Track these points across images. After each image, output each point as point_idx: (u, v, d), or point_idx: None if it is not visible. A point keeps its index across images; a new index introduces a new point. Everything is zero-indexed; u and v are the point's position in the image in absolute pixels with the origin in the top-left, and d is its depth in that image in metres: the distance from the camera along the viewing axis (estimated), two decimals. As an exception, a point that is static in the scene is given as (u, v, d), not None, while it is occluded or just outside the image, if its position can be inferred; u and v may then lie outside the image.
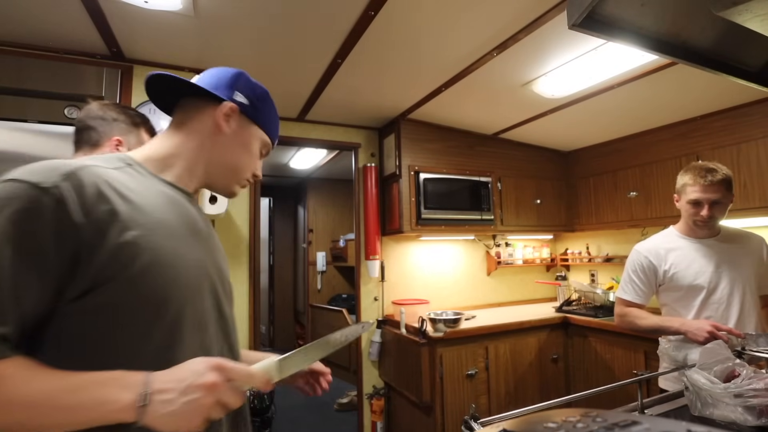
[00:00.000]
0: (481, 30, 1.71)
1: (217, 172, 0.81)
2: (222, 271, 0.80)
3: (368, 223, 2.87)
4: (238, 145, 0.81)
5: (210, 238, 0.81)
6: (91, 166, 0.63)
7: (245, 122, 0.81)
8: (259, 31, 1.70)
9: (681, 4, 0.93)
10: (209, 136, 0.79)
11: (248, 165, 0.83)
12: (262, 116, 0.83)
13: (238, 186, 0.85)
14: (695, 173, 1.53)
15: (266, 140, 0.85)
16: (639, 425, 0.24)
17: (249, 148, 0.83)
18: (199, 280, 0.71)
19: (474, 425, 0.77)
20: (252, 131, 0.83)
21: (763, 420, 0.91)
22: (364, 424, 2.85)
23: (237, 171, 0.83)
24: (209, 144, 0.79)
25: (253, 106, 0.82)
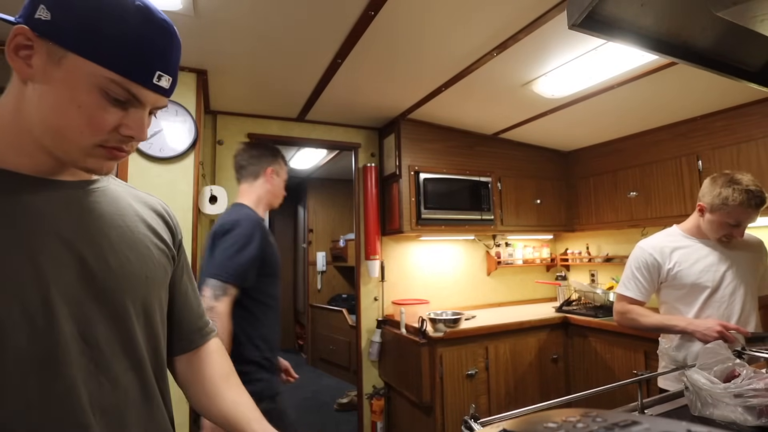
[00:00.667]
0: (481, 30, 1.71)
1: (48, 142, 0.53)
2: (100, 275, 0.58)
3: (368, 223, 2.87)
4: (52, 93, 0.51)
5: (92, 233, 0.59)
6: None
7: (56, 52, 0.50)
8: (258, 31, 1.70)
9: (681, 4, 0.92)
10: (19, 89, 0.53)
11: (83, 123, 0.52)
12: (84, 33, 0.50)
13: (90, 158, 0.55)
14: (746, 197, 1.43)
15: (107, 75, 0.51)
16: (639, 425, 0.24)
17: (72, 96, 0.51)
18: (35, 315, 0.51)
19: (474, 425, 0.77)
20: (70, 65, 0.50)
21: (763, 420, 0.91)
22: (364, 424, 2.86)
23: (66, 135, 0.52)
24: (23, 101, 0.53)
25: (59, 19, 0.49)
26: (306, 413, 3.53)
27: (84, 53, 0.50)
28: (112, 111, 0.53)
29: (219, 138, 2.63)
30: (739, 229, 1.49)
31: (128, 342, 0.61)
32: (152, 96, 0.55)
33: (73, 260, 0.56)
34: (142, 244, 0.66)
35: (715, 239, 1.56)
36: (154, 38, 0.53)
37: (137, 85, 0.53)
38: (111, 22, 0.50)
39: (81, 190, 0.60)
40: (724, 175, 1.51)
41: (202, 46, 1.81)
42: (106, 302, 0.58)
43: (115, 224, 0.62)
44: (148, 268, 0.65)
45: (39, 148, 0.54)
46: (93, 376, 0.56)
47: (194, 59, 1.94)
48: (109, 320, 0.59)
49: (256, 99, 2.44)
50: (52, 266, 0.53)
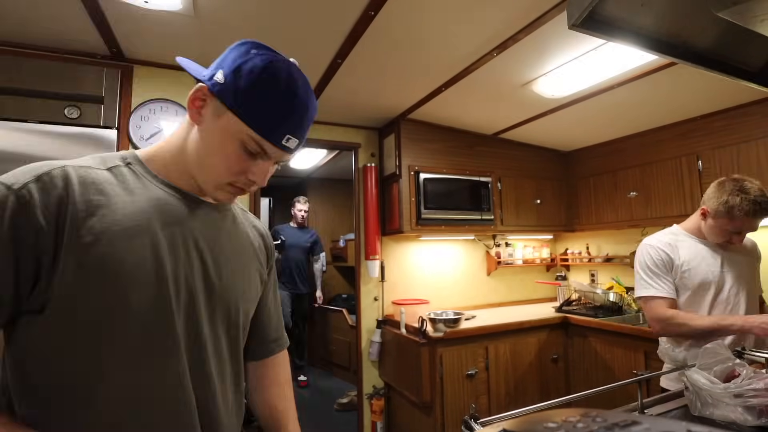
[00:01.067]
0: (481, 30, 1.71)
1: (196, 172, 0.69)
2: (215, 286, 0.70)
3: (368, 223, 2.86)
4: (209, 139, 0.66)
5: (217, 246, 0.72)
6: (73, 166, 0.61)
7: (219, 108, 0.65)
8: (258, 31, 1.70)
9: (681, 4, 0.92)
10: (188, 129, 0.69)
11: (226, 166, 0.66)
12: (242, 102, 0.63)
13: (220, 191, 0.70)
14: (753, 208, 1.41)
15: (248, 133, 0.64)
16: (639, 425, 0.24)
17: (223, 144, 0.65)
18: (164, 297, 0.62)
19: (474, 425, 0.77)
20: (225, 120, 0.64)
21: (763, 420, 0.91)
22: (364, 424, 2.85)
23: (212, 173, 0.68)
24: (188, 138, 0.69)
25: (228, 85, 0.64)
26: (306, 413, 3.52)
27: (238, 114, 0.63)
28: (245, 159, 0.66)
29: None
30: (739, 236, 1.49)
31: (218, 345, 0.71)
32: (278, 152, 0.68)
33: (199, 265, 0.68)
34: (248, 265, 0.79)
35: (714, 243, 1.56)
36: (294, 111, 0.66)
37: (268, 143, 0.65)
38: (264, 96, 0.64)
39: (216, 212, 0.75)
40: (733, 182, 1.47)
41: (202, 47, 1.81)
42: (210, 307, 0.69)
43: (233, 244, 0.77)
44: (247, 286, 0.77)
45: (189, 174, 0.70)
46: (194, 369, 0.66)
47: (194, 59, 1.94)
48: (209, 323, 0.69)
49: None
50: (186, 264, 0.66)
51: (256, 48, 0.66)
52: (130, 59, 1.94)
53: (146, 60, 1.95)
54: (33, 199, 0.56)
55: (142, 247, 0.61)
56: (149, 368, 0.61)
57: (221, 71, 0.65)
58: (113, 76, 1.89)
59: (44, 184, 0.57)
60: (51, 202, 0.57)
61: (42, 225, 0.55)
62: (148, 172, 0.69)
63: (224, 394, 0.71)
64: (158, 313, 0.62)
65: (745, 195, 1.42)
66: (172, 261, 0.64)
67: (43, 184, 0.57)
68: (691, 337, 1.48)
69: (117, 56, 1.90)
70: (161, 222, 0.65)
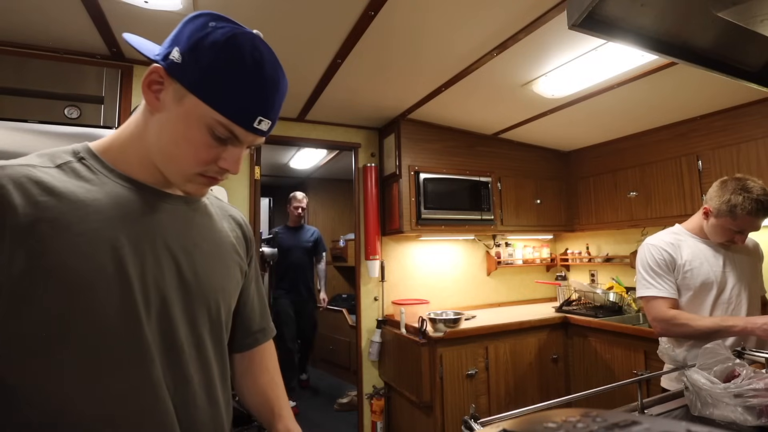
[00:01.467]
0: (481, 30, 1.71)
1: (161, 164, 0.63)
2: (191, 283, 0.65)
3: (368, 223, 2.86)
4: (171, 125, 0.59)
5: (189, 242, 0.67)
6: (14, 166, 0.55)
7: (179, 91, 0.58)
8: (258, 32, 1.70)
9: (681, 4, 0.92)
10: (147, 116, 0.62)
11: (194, 156, 0.60)
12: (202, 79, 0.57)
13: (190, 184, 0.64)
14: (756, 207, 1.40)
15: (215, 117, 0.58)
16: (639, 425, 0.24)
17: (186, 130, 0.59)
18: (129, 305, 0.57)
19: (474, 425, 0.77)
20: (187, 104, 0.58)
21: (763, 420, 0.91)
22: (364, 424, 2.85)
23: (178, 164, 0.61)
24: (148, 127, 0.62)
25: (189, 66, 0.57)
26: (306, 413, 3.52)
27: (201, 96, 0.57)
28: (214, 146, 0.60)
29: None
30: (742, 235, 1.49)
31: (200, 345, 0.67)
32: (250, 137, 0.62)
33: (171, 265, 0.63)
34: (225, 259, 0.74)
35: (717, 243, 1.55)
36: (265, 89, 0.60)
37: (239, 127, 0.59)
38: (228, 74, 0.57)
39: (185, 205, 0.69)
40: (735, 181, 1.47)
41: (202, 46, 1.81)
42: (188, 308, 0.65)
43: (208, 238, 0.71)
44: (226, 281, 0.73)
45: (152, 165, 0.63)
46: (171, 375, 0.61)
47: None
48: (187, 324, 0.65)
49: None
50: (155, 267, 0.61)
51: (215, 20, 0.59)
52: (130, 59, 1.94)
53: (146, 60, 1.95)
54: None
55: (100, 252, 0.55)
56: (119, 380, 0.56)
57: (177, 49, 0.57)
58: (113, 76, 1.90)
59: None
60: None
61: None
62: (105, 166, 0.62)
63: (209, 394, 0.68)
64: (124, 322, 0.57)
65: (747, 194, 1.42)
66: (137, 264, 0.59)
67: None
68: (692, 338, 1.48)
69: (117, 56, 1.90)
70: (122, 222, 0.59)
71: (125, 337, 0.57)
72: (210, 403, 0.67)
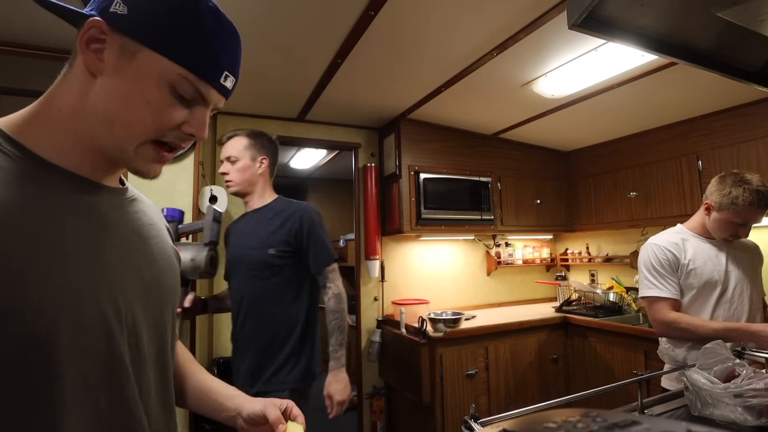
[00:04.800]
0: (481, 30, 1.71)
1: (105, 136, 0.52)
2: (154, 287, 0.60)
3: (368, 223, 2.86)
4: (122, 87, 0.50)
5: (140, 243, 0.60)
6: None
7: (130, 46, 0.50)
8: (258, 31, 1.70)
9: (681, 4, 0.92)
10: (84, 83, 0.51)
11: (149, 117, 0.51)
12: (160, 29, 0.50)
13: (142, 159, 0.54)
14: (756, 197, 1.42)
15: (179, 72, 0.51)
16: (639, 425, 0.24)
17: (143, 90, 0.50)
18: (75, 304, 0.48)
19: (474, 425, 0.77)
20: (143, 60, 0.50)
21: (763, 420, 0.91)
22: (364, 424, 2.85)
23: (128, 129, 0.51)
24: (89, 95, 0.51)
25: (136, 14, 0.49)
26: (306, 413, 3.52)
27: (159, 49, 0.50)
28: (177, 108, 0.53)
29: (219, 138, 2.62)
30: (745, 228, 1.48)
31: (161, 348, 0.62)
32: (216, 96, 0.55)
33: (132, 270, 0.57)
34: (170, 255, 0.67)
35: (720, 239, 1.55)
36: (225, 39, 0.54)
37: (205, 83, 0.53)
38: (187, 20, 0.51)
39: (122, 198, 0.60)
40: (733, 175, 1.50)
41: (202, 46, 1.81)
42: (150, 311, 0.59)
43: (152, 235, 0.63)
44: (174, 277, 0.67)
45: (91, 145, 0.53)
46: (137, 383, 0.56)
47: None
48: (151, 329, 0.59)
49: (256, 99, 2.44)
50: (118, 274, 0.54)
51: None
52: (130, 59, 1.94)
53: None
54: None
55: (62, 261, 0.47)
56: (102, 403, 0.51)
57: (120, 1, 0.49)
58: (113, 76, 1.90)
59: None
60: None
61: None
62: (30, 155, 0.49)
63: (164, 399, 0.62)
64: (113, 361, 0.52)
65: (747, 185, 1.44)
66: (107, 282, 0.52)
67: None
68: (693, 341, 1.47)
69: (117, 56, 1.90)
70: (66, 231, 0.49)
71: (106, 356, 0.51)
72: (163, 405, 0.63)
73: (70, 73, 0.53)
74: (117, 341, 0.52)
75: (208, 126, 0.57)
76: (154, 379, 0.60)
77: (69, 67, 0.53)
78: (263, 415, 0.69)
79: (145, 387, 0.58)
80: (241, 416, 0.70)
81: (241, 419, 0.70)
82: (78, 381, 0.48)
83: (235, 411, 0.71)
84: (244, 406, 0.71)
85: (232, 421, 0.71)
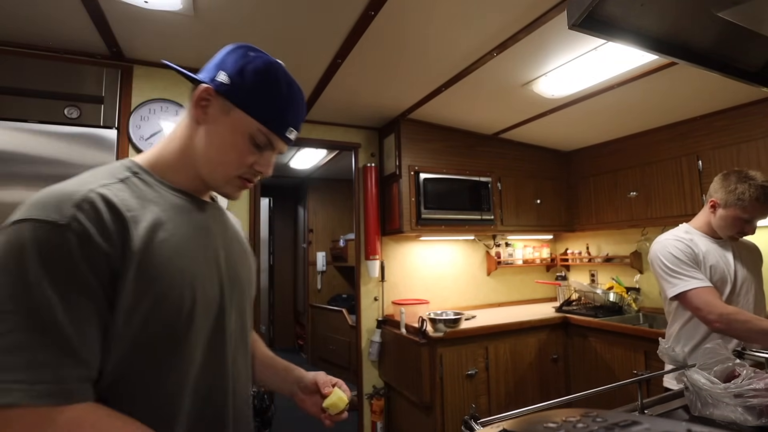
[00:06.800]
0: (481, 30, 1.71)
1: (207, 171, 0.72)
2: (236, 280, 0.77)
3: (368, 223, 2.86)
4: (218, 136, 0.70)
5: (227, 245, 0.78)
6: (95, 188, 0.60)
7: (226, 106, 0.69)
8: (258, 31, 1.70)
9: (681, 4, 0.92)
10: (193, 129, 0.72)
11: (237, 160, 0.71)
12: (248, 96, 0.69)
13: (229, 187, 0.74)
14: (762, 192, 1.42)
15: (258, 127, 0.70)
16: (639, 425, 0.24)
17: (233, 140, 0.70)
18: (209, 296, 0.68)
19: (474, 425, 0.77)
20: (234, 117, 0.69)
21: (763, 420, 0.91)
22: (364, 424, 2.85)
23: (223, 168, 0.72)
24: (195, 138, 0.72)
25: (234, 85, 0.69)
26: (306, 413, 3.52)
27: (247, 110, 0.69)
28: (253, 152, 0.72)
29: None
30: (750, 225, 1.48)
31: (243, 327, 0.78)
32: (281, 144, 0.75)
33: (222, 261, 0.74)
34: (248, 256, 0.86)
35: (726, 237, 1.54)
36: (294, 104, 0.74)
37: (276, 135, 0.72)
38: (269, 91, 0.70)
39: (218, 210, 0.82)
40: (737, 172, 1.50)
41: (202, 47, 1.81)
42: (234, 296, 0.75)
43: (236, 239, 0.83)
44: (250, 273, 0.85)
45: (196, 175, 0.73)
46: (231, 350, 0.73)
47: (194, 59, 1.94)
48: (234, 310, 0.75)
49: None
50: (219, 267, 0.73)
51: (252, 51, 0.72)
52: (130, 59, 1.94)
53: (146, 60, 1.95)
54: (87, 228, 0.56)
55: (182, 253, 0.66)
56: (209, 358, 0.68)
57: (223, 73, 0.70)
58: (113, 76, 1.90)
59: (87, 213, 0.56)
60: (102, 226, 0.57)
61: (106, 249, 0.57)
62: (157, 179, 0.71)
63: (247, 371, 0.79)
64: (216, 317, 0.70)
65: (752, 181, 1.45)
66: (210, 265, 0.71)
67: (86, 214, 0.56)
68: (749, 338, 1.36)
69: (117, 56, 1.90)
70: (190, 228, 0.70)
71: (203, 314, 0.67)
72: (247, 378, 0.80)
73: (183, 121, 0.74)
74: (221, 314, 0.71)
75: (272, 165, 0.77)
76: (241, 352, 0.77)
77: (184, 116, 0.75)
78: (315, 383, 0.86)
79: (233, 354, 0.74)
80: (299, 386, 0.88)
81: (298, 389, 0.88)
82: (199, 339, 0.66)
83: (295, 382, 0.89)
84: (302, 377, 0.89)
85: (291, 391, 0.89)
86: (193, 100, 0.71)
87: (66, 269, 0.53)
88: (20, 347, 0.50)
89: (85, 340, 0.54)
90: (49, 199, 0.57)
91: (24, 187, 1.67)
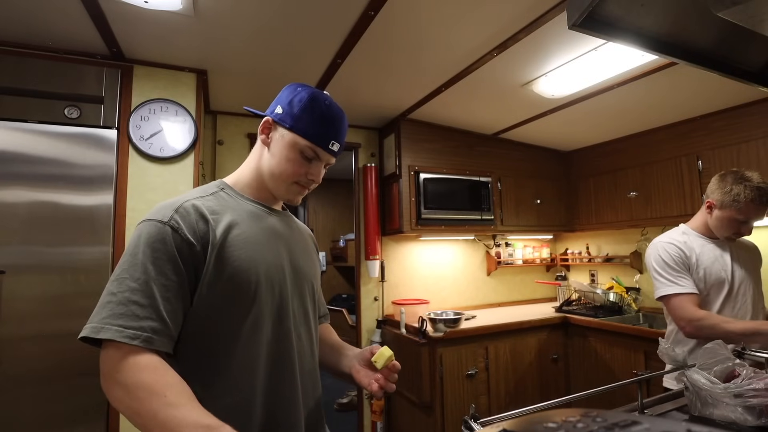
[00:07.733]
0: (481, 30, 1.71)
1: (271, 182, 0.93)
2: (298, 269, 0.95)
3: (368, 223, 2.87)
4: (277, 153, 0.91)
5: (292, 243, 0.96)
6: (190, 200, 0.84)
7: (283, 131, 0.90)
8: (259, 32, 1.70)
9: (681, 4, 0.92)
10: (261, 152, 0.94)
11: (292, 170, 0.91)
12: (297, 122, 0.89)
13: (289, 193, 0.95)
14: (758, 194, 1.43)
15: (306, 144, 0.89)
16: (639, 425, 0.24)
17: (288, 155, 0.90)
18: (273, 278, 0.86)
19: (474, 425, 0.77)
20: (288, 138, 0.90)
21: (763, 420, 0.91)
22: (364, 424, 2.85)
23: (282, 178, 0.92)
24: (262, 158, 0.94)
25: (287, 114, 0.90)
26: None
27: (297, 131, 0.89)
28: (305, 164, 0.92)
29: (219, 138, 2.63)
30: (747, 226, 1.48)
31: (305, 310, 0.95)
32: (327, 156, 0.93)
33: (287, 255, 0.93)
34: (311, 255, 1.05)
35: (723, 237, 1.55)
36: (334, 120, 0.92)
37: (320, 149, 0.91)
38: (312, 114, 0.89)
39: (285, 217, 1.01)
40: (733, 173, 1.50)
41: (202, 47, 1.81)
42: (296, 284, 0.93)
43: (300, 239, 1.02)
44: (315, 271, 1.04)
45: (265, 188, 0.95)
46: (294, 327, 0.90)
47: (194, 59, 1.94)
48: (295, 295, 0.92)
49: (256, 99, 2.44)
50: (283, 257, 0.92)
51: (300, 86, 0.93)
52: (130, 59, 1.94)
53: (146, 60, 1.95)
54: (180, 225, 0.79)
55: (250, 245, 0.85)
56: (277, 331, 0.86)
57: (280, 106, 0.92)
58: (113, 76, 1.89)
59: (182, 215, 0.80)
60: (191, 225, 0.80)
61: (192, 241, 0.78)
62: (237, 193, 0.93)
63: (312, 350, 0.96)
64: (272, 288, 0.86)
65: (748, 182, 1.45)
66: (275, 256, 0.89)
67: (181, 215, 0.80)
68: (723, 340, 1.43)
69: (117, 56, 1.90)
70: (260, 228, 0.90)
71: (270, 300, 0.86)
72: (312, 355, 0.96)
73: (255, 148, 0.97)
74: (284, 293, 0.88)
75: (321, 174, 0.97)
76: (303, 329, 0.93)
77: (256, 145, 0.97)
78: (371, 351, 0.99)
79: (297, 330, 0.91)
80: (357, 359, 1.03)
81: (356, 361, 1.02)
82: (265, 311, 0.84)
83: (354, 357, 1.04)
84: (361, 350, 1.04)
85: (350, 365, 1.03)
86: (259, 130, 0.94)
87: (163, 251, 0.76)
88: (125, 303, 0.71)
89: (169, 305, 0.74)
90: (161, 207, 0.82)
91: (24, 187, 1.66)
